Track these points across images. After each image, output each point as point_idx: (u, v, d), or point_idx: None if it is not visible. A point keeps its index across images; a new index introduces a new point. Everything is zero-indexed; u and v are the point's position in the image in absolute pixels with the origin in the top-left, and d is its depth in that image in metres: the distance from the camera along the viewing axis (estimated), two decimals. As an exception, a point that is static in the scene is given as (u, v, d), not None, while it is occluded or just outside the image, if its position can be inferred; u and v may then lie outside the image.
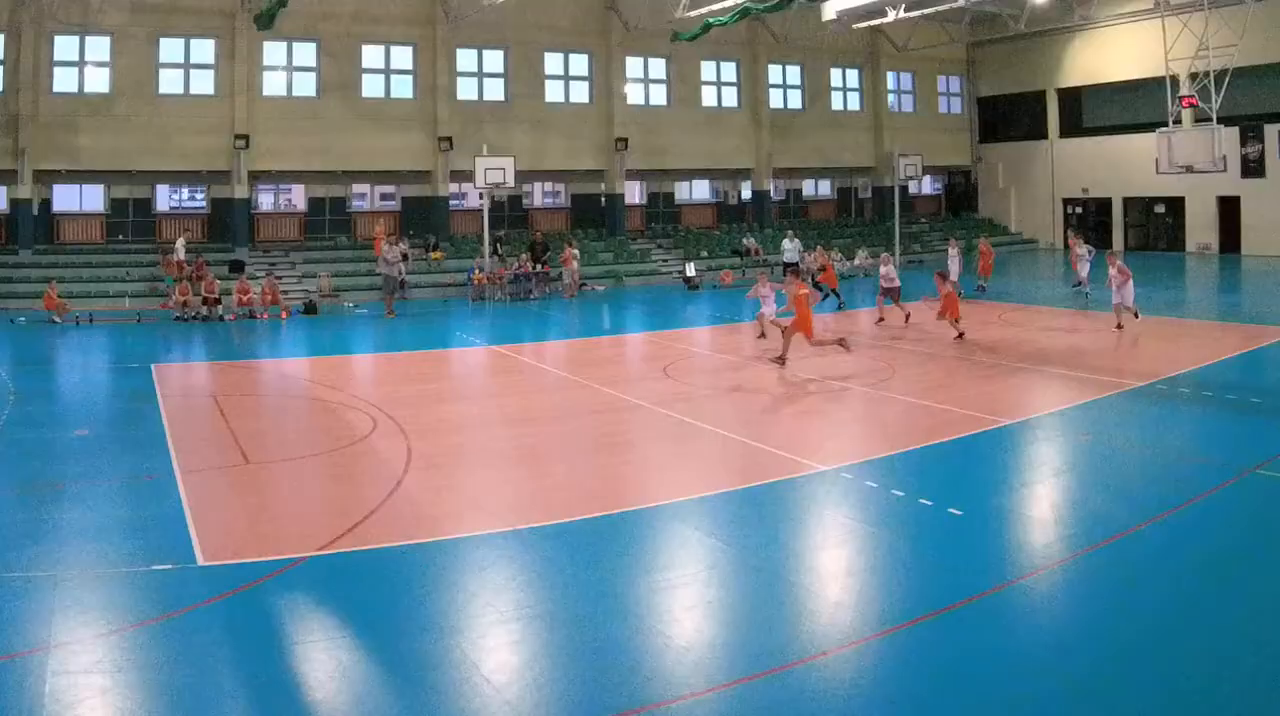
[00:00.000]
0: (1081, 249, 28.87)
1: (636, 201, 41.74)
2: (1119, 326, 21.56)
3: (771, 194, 43.30)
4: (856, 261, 36.73)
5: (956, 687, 6.63)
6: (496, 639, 7.61)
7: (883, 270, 25.56)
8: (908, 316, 23.80)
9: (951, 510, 10.16)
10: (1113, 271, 21.84)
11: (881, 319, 24.65)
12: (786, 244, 34.45)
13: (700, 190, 43.91)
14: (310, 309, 29.55)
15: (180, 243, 30.91)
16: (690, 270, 35.50)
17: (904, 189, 42.17)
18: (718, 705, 6.50)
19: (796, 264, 32.04)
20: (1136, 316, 22.02)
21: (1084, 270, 28.47)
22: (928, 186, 49.11)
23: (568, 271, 33.22)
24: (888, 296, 24.80)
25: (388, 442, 13.54)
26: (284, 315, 28.69)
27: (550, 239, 36.14)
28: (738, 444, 13.29)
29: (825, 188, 46.94)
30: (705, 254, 38.60)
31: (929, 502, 10.43)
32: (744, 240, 39.09)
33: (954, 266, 28.57)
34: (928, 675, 6.83)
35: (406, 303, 31.48)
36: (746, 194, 43.55)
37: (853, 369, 18.15)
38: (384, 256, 29.56)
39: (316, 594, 8.48)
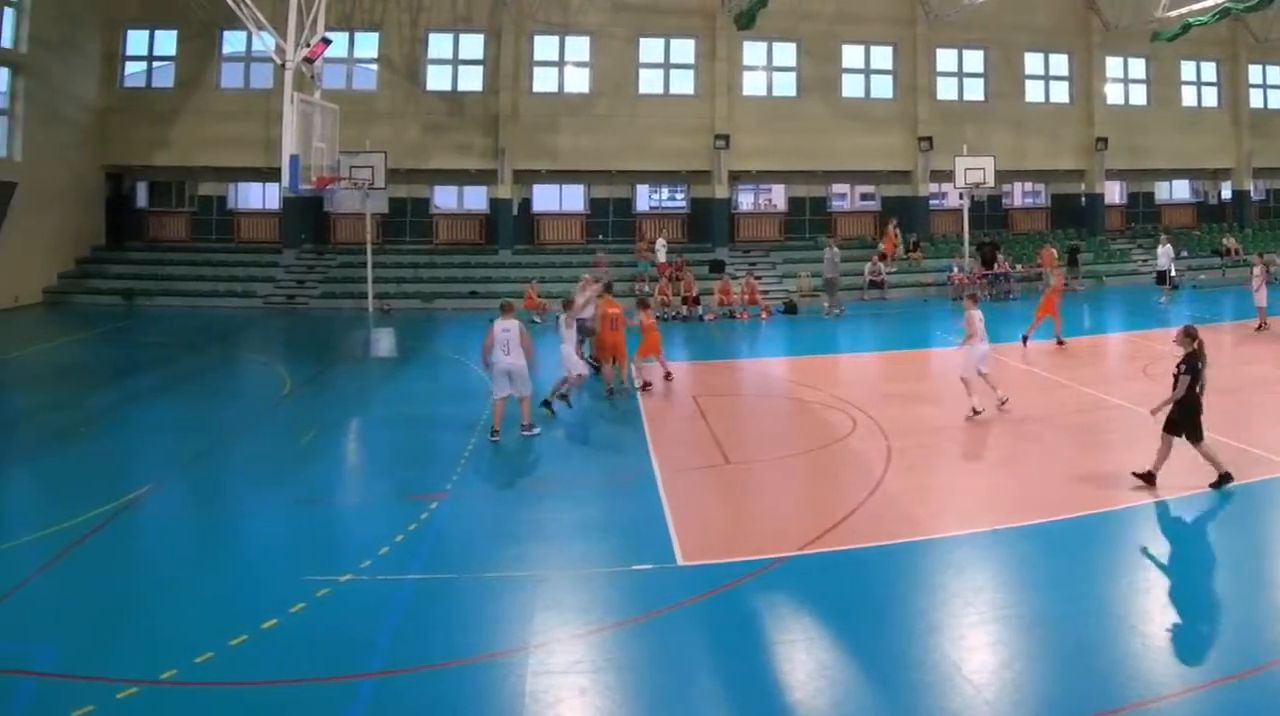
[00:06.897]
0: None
1: (1116, 201, 40.81)
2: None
3: (1251, 194, 40.83)
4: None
5: None
6: (976, 639, 7.59)
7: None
8: None
9: None
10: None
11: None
12: (1160, 250, 31.11)
13: (1180, 190, 42.56)
14: (791, 309, 29.58)
15: (660, 243, 32.10)
16: (1171, 270, 33.10)
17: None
18: (1197, 705, 6.40)
19: (1167, 271, 30.71)
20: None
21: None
22: None
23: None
24: None
25: (867, 442, 13.42)
26: (764, 315, 28.85)
27: (1030, 240, 36.43)
28: (1218, 444, 12.52)
29: (1307, 187, 43.40)
30: (1185, 254, 36.10)
31: None
32: (1224, 240, 37.34)
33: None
34: None
35: (884, 303, 31.17)
36: (1226, 194, 41.64)
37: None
38: (828, 257, 29.45)
39: (796, 593, 8.49)
